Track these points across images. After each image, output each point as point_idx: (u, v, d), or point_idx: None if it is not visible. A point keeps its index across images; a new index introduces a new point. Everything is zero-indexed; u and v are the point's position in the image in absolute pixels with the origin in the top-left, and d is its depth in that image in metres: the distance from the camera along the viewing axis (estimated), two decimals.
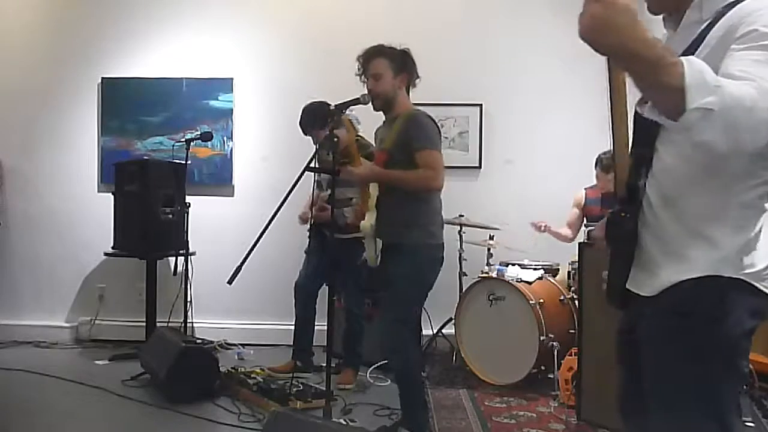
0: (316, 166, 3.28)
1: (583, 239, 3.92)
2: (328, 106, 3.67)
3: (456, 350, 4.29)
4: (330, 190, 3.02)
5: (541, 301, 3.90)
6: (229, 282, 2.67)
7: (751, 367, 3.08)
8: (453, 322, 4.27)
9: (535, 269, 4.18)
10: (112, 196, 4.67)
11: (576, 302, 3.64)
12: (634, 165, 1.46)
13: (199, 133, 4.42)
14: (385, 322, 2.98)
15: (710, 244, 1.36)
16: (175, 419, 3.34)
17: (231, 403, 3.54)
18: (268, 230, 2.77)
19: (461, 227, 4.42)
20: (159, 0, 5.09)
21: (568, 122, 4.88)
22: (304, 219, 4.15)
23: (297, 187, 2.82)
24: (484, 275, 4.16)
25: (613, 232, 1.49)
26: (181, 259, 4.34)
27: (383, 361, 4.00)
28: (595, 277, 3.04)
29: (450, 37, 4.94)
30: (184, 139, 4.34)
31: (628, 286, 1.48)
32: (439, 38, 4.84)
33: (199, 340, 4.33)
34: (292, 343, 4.22)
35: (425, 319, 4.07)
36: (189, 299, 4.32)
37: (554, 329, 3.83)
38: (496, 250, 4.39)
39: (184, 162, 4.32)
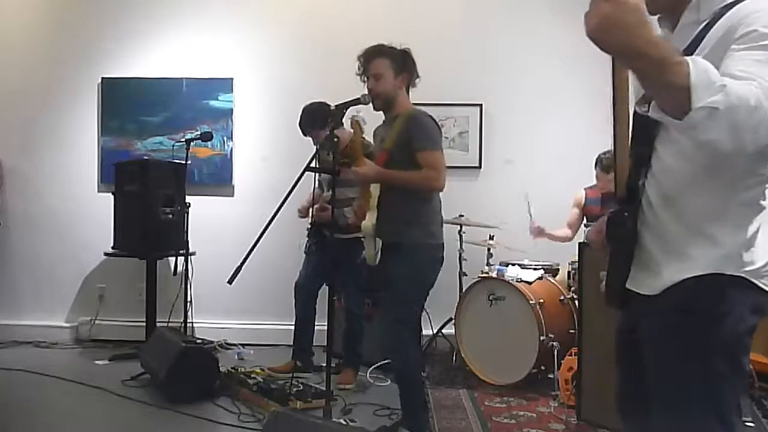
0: (317, 166, 3.28)
1: (582, 239, 3.92)
2: (328, 106, 3.69)
3: (456, 350, 4.29)
4: (331, 191, 3.02)
5: (541, 301, 3.90)
6: (229, 282, 2.67)
7: (751, 367, 3.08)
8: (453, 322, 4.27)
9: (535, 269, 4.18)
10: (112, 196, 4.67)
11: (576, 302, 3.65)
12: (633, 165, 1.46)
13: (199, 133, 4.43)
14: (385, 322, 2.98)
15: (712, 243, 1.36)
16: (175, 419, 3.34)
17: (231, 403, 3.54)
18: (268, 230, 2.77)
19: (461, 227, 4.42)
20: (159, 0, 5.09)
21: (568, 122, 4.88)
22: (304, 212, 4.14)
23: (297, 187, 2.82)
24: (484, 275, 4.16)
25: (614, 232, 1.49)
26: (181, 259, 4.34)
27: (383, 361, 4.00)
28: (595, 277, 3.04)
29: (450, 37, 4.94)
30: (184, 139, 4.34)
31: (627, 285, 1.48)
32: (439, 38, 4.84)
33: (199, 340, 4.34)
34: (292, 343, 4.22)
35: (425, 319, 4.07)
36: (189, 299, 4.33)
37: (554, 329, 3.83)
38: (496, 250, 4.39)
39: (184, 162, 4.33)
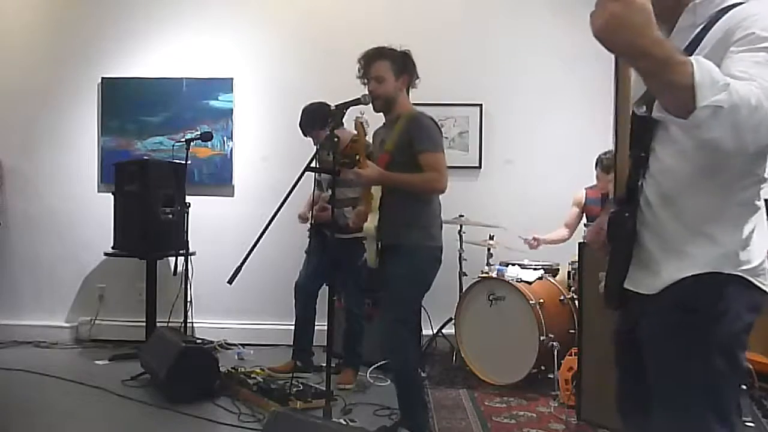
0: (317, 167, 3.28)
1: (582, 238, 3.92)
2: (328, 106, 3.69)
3: (456, 350, 4.29)
4: (330, 191, 3.02)
5: (541, 301, 3.90)
6: (230, 282, 2.67)
7: (751, 367, 3.08)
8: (453, 322, 4.27)
9: (535, 269, 4.18)
10: (112, 196, 4.67)
11: (576, 302, 3.65)
12: (633, 165, 1.47)
13: (199, 133, 4.43)
14: (385, 322, 2.97)
15: (711, 241, 1.37)
16: (175, 419, 3.34)
17: (231, 403, 3.54)
18: (268, 230, 2.76)
19: (461, 227, 4.42)
20: (159, 0, 5.09)
21: (568, 122, 4.88)
22: (304, 218, 4.15)
23: (297, 187, 2.81)
24: (484, 275, 4.16)
25: (615, 232, 1.49)
26: (181, 259, 4.34)
27: (383, 361, 3.99)
28: (595, 277, 3.03)
29: (450, 37, 4.94)
30: (184, 139, 4.34)
31: (626, 285, 1.48)
32: (439, 38, 4.84)
33: (199, 340, 4.34)
34: (292, 343, 4.22)
35: (425, 319, 4.09)
36: (189, 299, 4.33)
37: (554, 329, 3.83)
38: (496, 250, 4.39)
39: (184, 162, 4.33)
